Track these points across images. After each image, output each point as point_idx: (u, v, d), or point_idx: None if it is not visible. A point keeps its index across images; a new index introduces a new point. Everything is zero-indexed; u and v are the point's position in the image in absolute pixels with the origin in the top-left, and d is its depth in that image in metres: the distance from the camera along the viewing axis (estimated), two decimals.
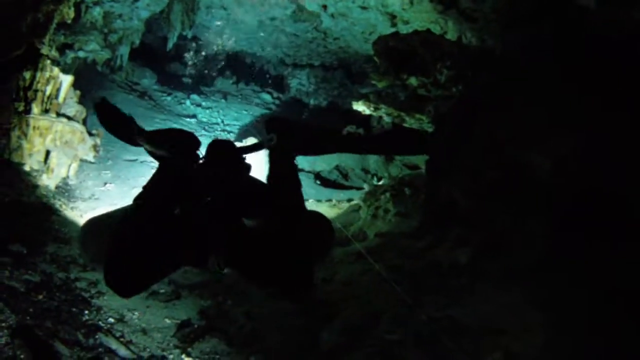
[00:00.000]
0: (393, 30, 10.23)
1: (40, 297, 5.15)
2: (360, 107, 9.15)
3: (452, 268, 6.25)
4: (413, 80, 8.56)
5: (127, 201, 7.83)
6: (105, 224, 2.72)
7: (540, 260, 5.90)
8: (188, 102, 14.06)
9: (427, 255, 6.53)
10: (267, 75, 18.08)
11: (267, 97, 17.09)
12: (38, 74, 7.87)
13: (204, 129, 12.76)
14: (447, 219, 6.92)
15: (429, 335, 4.81)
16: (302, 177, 9.74)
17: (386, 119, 8.85)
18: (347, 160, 11.49)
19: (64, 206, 7.51)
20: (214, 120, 13.70)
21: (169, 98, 13.62)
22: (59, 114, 8.26)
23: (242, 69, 17.75)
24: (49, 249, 6.15)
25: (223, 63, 17.56)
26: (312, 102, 17.62)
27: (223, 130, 13.11)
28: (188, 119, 12.88)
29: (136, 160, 9.83)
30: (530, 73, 7.01)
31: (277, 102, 17.18)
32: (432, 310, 5.23)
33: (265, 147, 3.02)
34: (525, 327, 5.10)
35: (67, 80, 8.41)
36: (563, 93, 6.54)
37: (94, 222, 2.93)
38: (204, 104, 14.46)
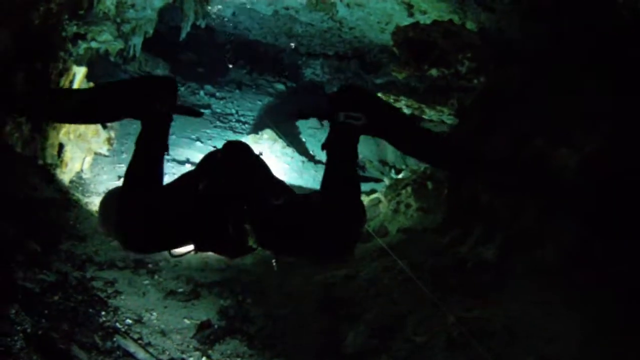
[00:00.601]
0: (410, 20, 9.99)
1: (56, 298, 5.01)
2: (383, 97, 8.95)
3: (478, 265, 6.07)
4: (434, 72, 8.35)
5: None
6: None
7: (570, 257, 5.71)
8: (202, 93, 13.89)
9: (451, 252, 6.35)
10: (281, 65, 17.85)
11: (281, 86, 16.90)
12: (51, 66, 7.70)
13: (219, 119, 12.59)
14: (471, 215, 6.72)
15: (459, 338, 4.63)
16: (316, 168, 9.56)
17: (406, 110, 8.64)
18: (363, 150, 11.25)
19: (77, 202, 7.36)
20: (228, 110, 13.52)
21: (182, 88, 13.44)
22: None
23: (256, 58, 17.53)
24: (63, 247, 6.01)
25: (237, 53, 17.35)
26: (326, 91, 17.41)
27: (238, 121, 12.95)
28: (202, 110, 12.64)
29: None
30: (555, 65, 6.79)
31: (290, 91, 16.97)
32: (459, 311, 5.05)
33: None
34: (559, 329, 4.93)
35: (80, 72, 8.24)
36: (590, 86, 6.33)
37: (113, 193, 2.84)
38: (217, 94, 14.28)
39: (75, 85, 8.20)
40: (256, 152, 2.85)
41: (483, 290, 5.63)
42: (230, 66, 16.05)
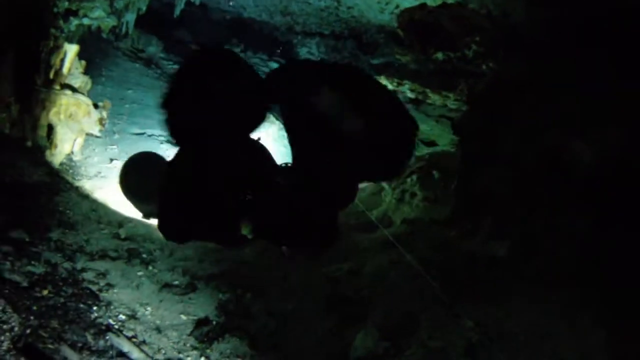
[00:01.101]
0: (411, 0, 9.65)
1: (45, 292, 4.71)
2: (382, 82, 8.61)
3: (488, 262, 5.81)
4: (439, 55, 8.03)
5: None
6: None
7: (584, 256, 5.48)
8: None
9: (459, 247, 6.08)
10: (275, 43, 17.44)
11: (275, 65, 16.47)
12: (41, 43, 7.32)
13: None
14: (481, 208, 6.45)
15: (476, 343, 4.37)
16: None
17: (409, 94, 8.32)
18: None
19: (68, 185, 7.02)
20: None
21: (175, 66, 13.00)
22: (63, 86, 7.72)
23: (250, 37, 17.11)
24: (53, 235, 5.68)
25: (230, 30, 16.93)
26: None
27: None
28: None
29: (144, 133, 9.32)
30: (565, 53, 6.50)
31: None
32: (474, 313, 4.78)
33: None
34: (576, 331, 4.71)
35: (72, 49, 7.86)
36: (605, 78, 6.05)
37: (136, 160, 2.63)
38: None
39: (67, 64, 7.81)
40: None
41: (496, 290, 5.38)
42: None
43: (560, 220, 5.85)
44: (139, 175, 2.54)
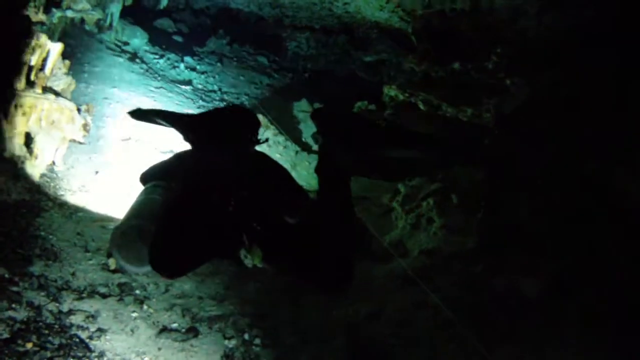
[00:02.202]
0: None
1: (30, 345, 4.07)
2: (392, 92, 8.02)
3: (520, 303, 5.27)
4: (456, 66, 7.45)
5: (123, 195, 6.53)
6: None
7: (628, 299, 4.99)
8: (182, 66, 12.74)
9: (487, 285, 5.52)
10: (263, 36, 16.74)
11: (263, 59, 15.83)
12: (21, 41, 6.57)
13: (202, 98, 11.50)
14: (509, 241, 5.90)
15: None
16: (309, 159, 8.61)
17: (421, 106, 7.72)
18: None
19: (50, 203, 6.31)
20: (210, 87, 12.42)
21: (161, 61, 12.28)
22: (45, 89, 6.98)
23: (236, 28, 16.41)
24: (35, 269, 5.01)
25: (217, 21, 16.23)
26: (309, 66, 16.44)
27: (221, 100, 11.88)
28: (184, 87, 11.55)
29: (130, 139, 8.60)
30: (603, 68, 5.95)
31: (274, 65, 15.90)
32: None
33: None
34: None
35: (55, 49, 7.10)
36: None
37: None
38: (198, 67, 13.14)
39: (49, 65, 7.07)
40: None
41: (529, 336, 4.87)
42: None
43: (599, 258, 5.34)
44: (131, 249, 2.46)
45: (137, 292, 5.30)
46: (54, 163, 7.04)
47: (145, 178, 2.80)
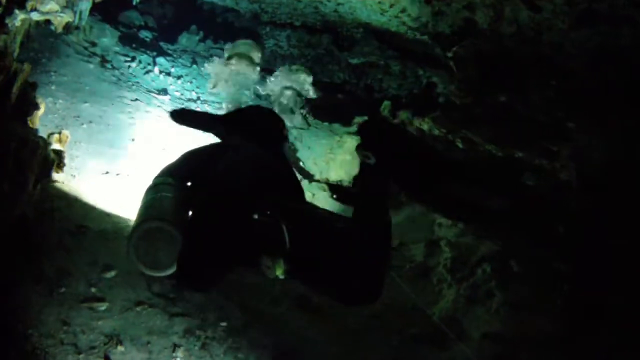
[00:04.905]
0: (425, 7, 7.87)
1: None
2: (425, 126, 6.89)
3: None
4: (502, 98, 6.38)
5: None
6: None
7: None
8: (156, 70, 11.33)
9: None
10: (238, 32, 15.44)
11: None
12: None
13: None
14: (597, 324, 4.88)
15: None
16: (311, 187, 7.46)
17: (460, 145, 6.62)
18: None
19: (27, 279, 5.01)
20: (189, 94, 11.14)
21: (133, 64, 10.87)
22: (10, 120, 5.60)
23: (209, 23, 15.09)
24: None
25: (188, 14, 14.86)
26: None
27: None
28: (161, 97, 10.18)
29: (108, 173, 7.25)
30: None
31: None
32: None
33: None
34: None
35: (22, 70, 5.73)
36: None
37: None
38: (173, 71, 11.77)
39: (15, 86, 5.69)
40: None
41: None
42: None
43: None
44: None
45: None
46: (24, 214, 5.66)
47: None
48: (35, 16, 7.60)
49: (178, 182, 2.84)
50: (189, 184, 2.95)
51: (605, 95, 5.46)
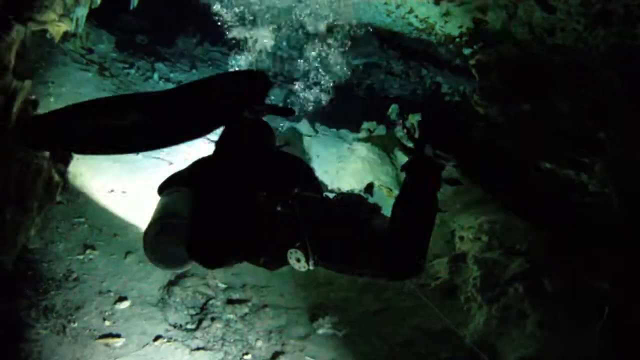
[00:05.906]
0: (433, 7, 7.56)
1: None
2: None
3: None
4: (526, 107, 6.10)
5: None
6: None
7: None
8: (155, 76, 11.00)
9: None
10: (235, 35, 15.12)
11: (240, 61, 14.22)
12: None
13: None
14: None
15: None
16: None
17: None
18: (383, 175, 8.75)
19: (33, 312, 4.66)
20: None
21: (132, 71, 10.52)
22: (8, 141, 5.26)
23: (206, 25, 14.77)
24: None
25: (185, 17, 14.52)
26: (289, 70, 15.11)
27: None
28: None
29: (113, 191, 6.91)
30: None
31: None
32: None
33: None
34: None
35: (23, 87, 5.39)
36: None
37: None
38: (172, 76, 11.43)
39: (15, 106, 5.36)
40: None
41: None
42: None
43: None
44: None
45: None
46: (28, 241, 5.33)
47: (161, 188, 2.68)
48: (32, 26, 7.29)
49: (187, 181, 2.73)
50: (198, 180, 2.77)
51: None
